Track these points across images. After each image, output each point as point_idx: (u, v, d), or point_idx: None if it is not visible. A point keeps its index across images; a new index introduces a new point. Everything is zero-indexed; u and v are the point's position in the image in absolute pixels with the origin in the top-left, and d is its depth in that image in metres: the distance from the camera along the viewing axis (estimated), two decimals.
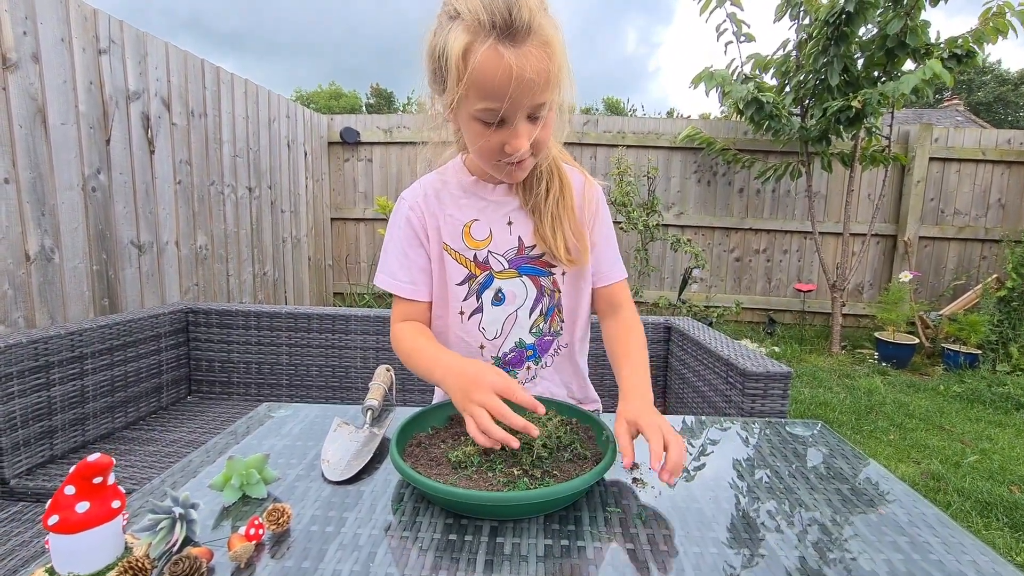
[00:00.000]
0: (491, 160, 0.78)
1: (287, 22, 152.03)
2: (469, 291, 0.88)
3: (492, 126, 0.72)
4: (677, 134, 4.67)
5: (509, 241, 0.87)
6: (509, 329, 0.90)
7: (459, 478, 0.62)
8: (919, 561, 0.53)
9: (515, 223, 0.88)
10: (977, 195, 4.57)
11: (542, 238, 0.86)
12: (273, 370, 1.93)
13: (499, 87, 0.67)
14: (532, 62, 0.66)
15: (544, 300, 0.91)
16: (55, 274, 2.08)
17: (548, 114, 0.73)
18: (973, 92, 29.93)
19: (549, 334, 0.93)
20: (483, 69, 0.66)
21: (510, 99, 0.67)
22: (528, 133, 0.72)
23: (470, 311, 0.89)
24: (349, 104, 34.64)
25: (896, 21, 3.41)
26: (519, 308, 0.89)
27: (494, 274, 0.88)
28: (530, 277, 0.89)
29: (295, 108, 4.19)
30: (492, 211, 0.88)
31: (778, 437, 0.83)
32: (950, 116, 14.20)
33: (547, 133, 0.76)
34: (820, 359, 4.00)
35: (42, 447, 1.43)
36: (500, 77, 0.66)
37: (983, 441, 2.61)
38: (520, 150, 0.72)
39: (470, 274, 0.88)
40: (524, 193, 0.87)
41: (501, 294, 0.88)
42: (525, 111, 0.71)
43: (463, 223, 0.87)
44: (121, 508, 0.49)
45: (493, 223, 0.87)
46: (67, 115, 2.12)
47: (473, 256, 0.87)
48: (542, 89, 0.69)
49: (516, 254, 0.88)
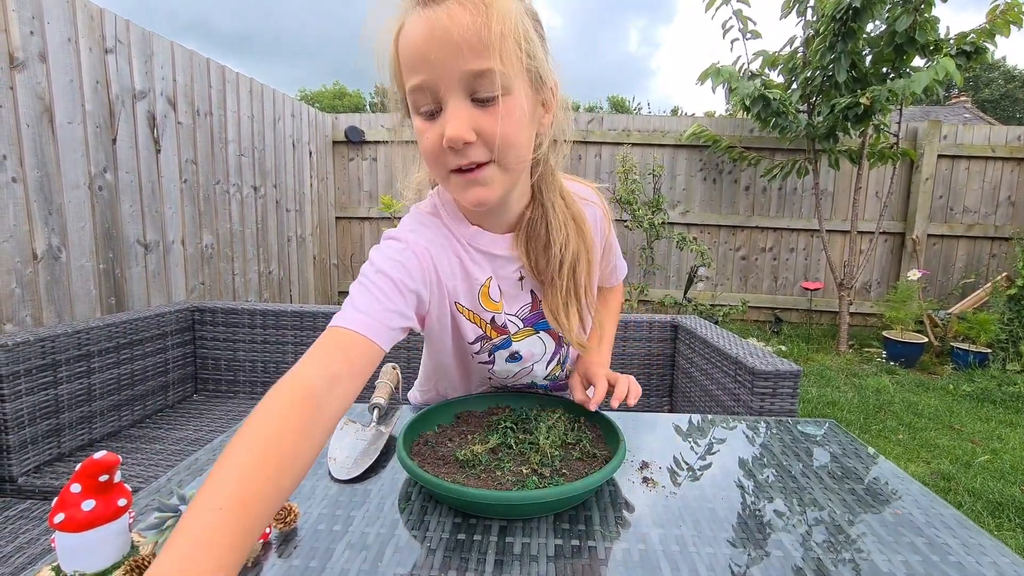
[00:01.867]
0: (441, 170, 0.62)
1: (291, 24, 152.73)
2: (482, 349, 0.77)
3: (429, 116, 0.59)
4: (682, 132, 4.65)
5: (522, 298, 0.76)
6: (523, 378, 0.84)
7: (467, 477, 0.61)
8: (938, 563, 0.52)
9: (527, 278, 0.75)
10: (986, 193, 4.53)
11: (551, 314, 0.72)
12: (279, 368, 1.93)
13: (419, 49, 0.56)
14: (457, 17, 0.54)
15: (562, 351, 0.83)
16: (62, 273, 2.09)
17: (503, 100, 0.57)
18: (980, 89, 29.69)
19: (563, 377, 0.90)
20: (406, 39, 0.57)
21: (431, 61, 0.55)
22: (467, 117, 0.57)
23: (481, 360, 0.80)
24: (353, 103, 34.69)
25: (905, 17, 3.38)
26: (536, 363, 0.81)
27: (512, 338, 0.77)
28: (548, 332, 0.79)
29: (300, 107, 4.19)
30: (501, 267, 0.73)
31: (789, 436, 0.82)
32: (958, 113, 14.08)
33: (505, 125, 0.58)
34: (827, 358, 3.97)
35: (50, 445, 1.43)
36: (418, 37, 0.56)
37: (994, 441, 2.58)
38: (456, 137, 0.56)
39: (484, 335, 0.75)
40: (529, 257, 0.71)
41: (518, 355, 0.79)
42: (458, 83, 0.56)
43: (480, 283, 0.72)
44: (127, 506, 0.49)
45: (503, 281, 0.74)
46: (74, 114, 2.13)
47: (491, 319, 0.74)
48: (476, 52, 0.54)
49: (530, 311, 0.76)
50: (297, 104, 4.14)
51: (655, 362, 1.84)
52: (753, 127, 4.47)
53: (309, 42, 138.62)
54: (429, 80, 0.56)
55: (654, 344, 1.83)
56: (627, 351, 1.82)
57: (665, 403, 1.85)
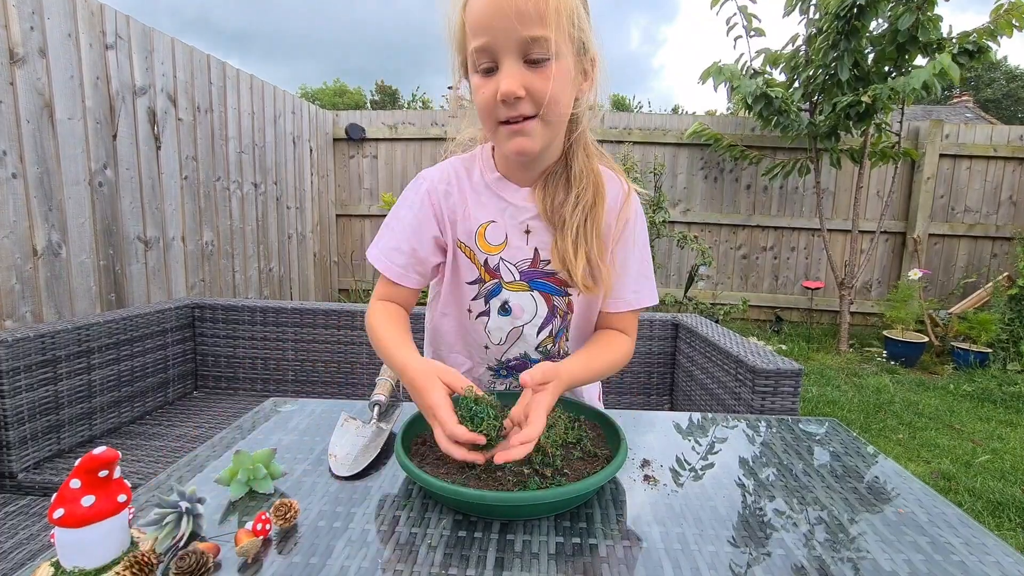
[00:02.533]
0: (491, 122, 0.71)
1: (292, 21, 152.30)
2: (478, 293, 0.83)
3: (488, 74, 0.68)
4: (683, 130, 4.64)
5: (524, 251, 0.80)
6: (514, 340, 0.85)
7: (467, 478, 0.61)
8: (941, 562, 0.51)
9: (533, 232, 0.80)
10: (988, 192, 4.52)
11: (560, 256, 0.76)
12: (279, 365, 1.93)
13: (484, 17, 0.65)
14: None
15: (555, 321, 0.84)
16: (62, 269, 2.08)
17: (552, 65, 0.66)
18: (982, 89, 29.63)
19: (558, 356, 0.87)
20: (472, 8, 0.66)
21: (494, 27, 0.64)
22: (520, 75, 0.65)
23: (477, 312, 0.84)
24: (353, 101, 34.64)
25: (908, 15, 3.37)
26: (526, 324, 0.83)
27: (503, 284, 0.81)
28: (542, 294, 0.82)
29: (300, 104, 4.19)
30: (511, 215, 0.80)
31: (790, 434, 0.82)
32: (959, 113, 14.06)
33: (552, 85, 0.66)
34: (828, 357, 3.97)
35: (49, 441, 1.43)
36: (484, 7, 0.64)
37: (994, 441, 2.58)
38: (509, 92, 0.65)
39: (479, 277, 0.82)
40: (546, 198, 0.78)
41: (508, 306, 0.82)
42: (515, 46, 0.65)
43: (479, 223, 0.80)
44: (127, 502, 0.49)
45: (510, 229, 0.80)
46: (74, 110, 2.13)
47: (484, 261, 0.80)
48: (533, 21, 0.63)
49: (529, 266, 0.80)
50: (298, 101, 4.13)
51: (656, 360, 1.84)
52: (755, 126, 4.46)
53: (311, 39, 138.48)
54: (490, 42, 0.65)
55: (655, 343, 1.83)
56: None
57: (666, 401, 1.85)
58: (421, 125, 4.89)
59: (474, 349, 0.89)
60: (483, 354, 0.88)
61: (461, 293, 0.84)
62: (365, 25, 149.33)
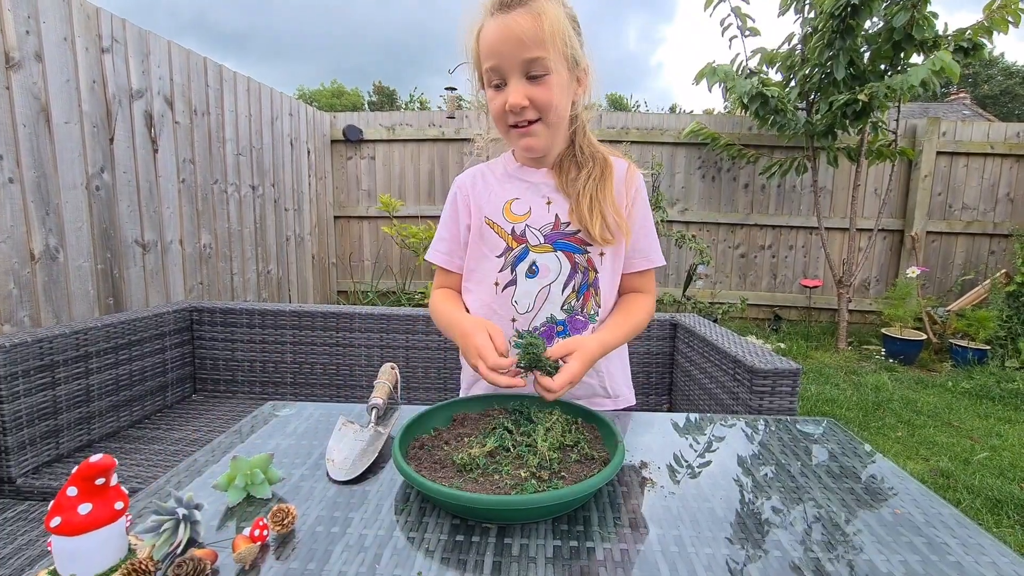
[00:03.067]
0: (503, 126, 0.88)
1: (289, 22, 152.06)
2: (505, 263, 0.94)
3: (497, 89, 0.84)
4: (681, 130, 4.64)
5: (546, 217, 0.93)
6: (541, 304, 0.93)
7: (465, 481, 0.61)
8: (937, 563, 0.52)
9: (554, 202, 0.93)
10: (985, 189, 4.53)
11: (578, 217, 0.90)
12: (277, 368, 1.92)
13: (492, 45, 0.81)
14: (520, 22, 0.79)
15: (577, 277, 0.94)
16: (60, 273, 2.08)
17: (550, 79, 0.82)
18: (979, 85, 29.67)
19: (582, 315, 0.95)
20: (483, 37, 0.83)
21: (501, 53, 0.81)
22: (524, 90, 0.82)
23: (504, 283, 0.94)
24: (351, 102, 34.61)
25: (903, 13, 3.37)
26: (552, 283, 0.93)
27: (530, 247, 0.93)
28: (564, 253, 0.93)
29: (298, 106, 4.18)
30: (533, 191, 0.95)
31: (788, 435, 0.82)
32: (956, 110, 14.07)
33: (547, 94, 0.82)
34: (826, 355, 3.98)
35: (48, 446, 1.43)
36: (492, 36, 0.81)
37: (993, 438, 2.59)
38: (516, 104, 0.82)
39: (507, 247, 0.93)
40: (561, 176, 0.94)
41: (535, 267, 0.93)
42: (519, 67, 0.81)
43: (505, 200, 0.95)
44: (124, 509, 0.49)
45: (533, 201, 0.94)
46: (70, 114, 2.12)
47: (511, 230, 0.93)
48: (532, 44, 0.79)
49: (552, 229, 0.93)
50: (295, 103, 4.13)
51: (654, 361, 1.84)
52: (752, 124, 4.47)
53: (308, 41, 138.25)
54: (499, 64, 0.82)
55: (653, 343, 1.83)
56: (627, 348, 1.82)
57: (664, 401, 1.85)
58: (419, 126, 4.89)
59: (501, 324, 0.91)
60: (510, 329, 0.95)
61: (488, 268, 0.95)
62: (362, 26, 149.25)
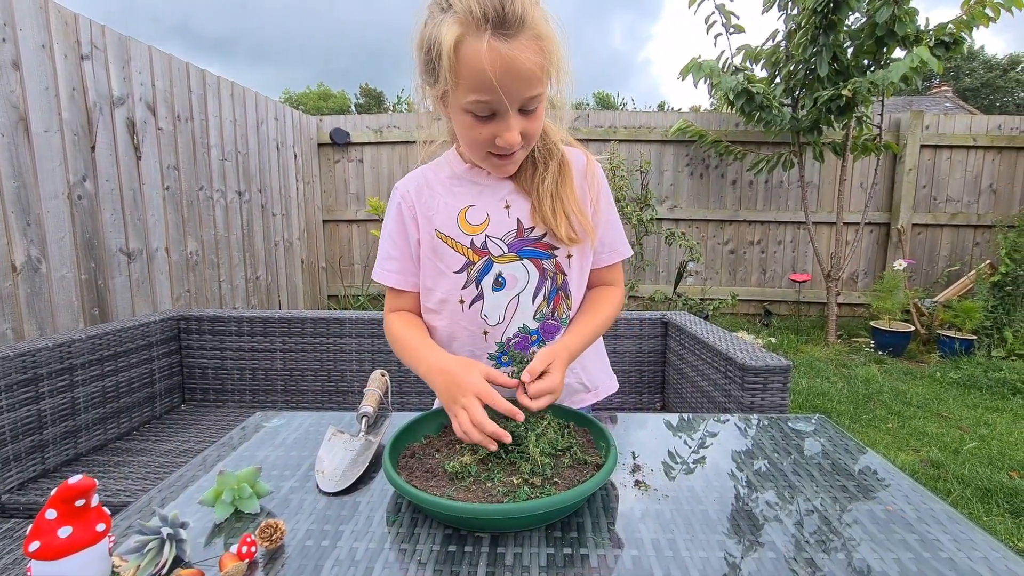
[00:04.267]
0: (481, 152, 0.78)
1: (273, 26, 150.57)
2: (468, 279, 0.85)
3: (483, 119, 0.72)
4: (669, 127, 4.66)
5: (507, 224, 0.85)
6: (512, 315, 0.86)
7: (456, 490, 0.60)
8: (930, 559, 0.52)
9: (513, 205, 0.85)
10: (968, 181, 4.59)
11: (541, 218, 0.83)
12: (268, 376, 1.90)
13: (490, 80, 0.67)
14: (525, 55, 0.67)
15: (547, 284, 0.87)
16: (42, 284, 2.05)
17: (541, 107, 0.74)
18: (961, 78, 30.08)
19: (553, 319, 0.89)
20: (474, 62, 0.66)
21: (503, 92, 0.68)
22: (520, 126, 0.73)
23: (470, 299, 0.86)
24: (338, 105, 34.37)
25: (884, 9, 3.41)
26: (521, 292, 0.86)
27: (493, 259, 0.84)
28: (531, 260, 0.86)
29: (283, 110, 4.15)
30: (488, 195, 0.85)
31: (780, 433, 0.82)
32: (939, 103, 14.25)
33: (538, 125, 0.76)
34: (816, 349, 4.01)
35: (33, 461, 1.40)
36: (491, 70, 0.66)
37: (981, 427, 2.62)
38: (512, 144, 0.73)
39: (468, 261, 0.85)
40: (520, 174, 0.85)
41: (501, 279, 0.85)
42: (517, 104, 0.71)
43: (458, 209, 0.85)
44: (106, 531, 0.47)
45: (490, 207, 0.85)
46: (50, 122, 2.09)
47: (470, 242, 0.84)
48: (535, 83, 0.69)
49: (515, 237, 0.85)
50: (280, 107, 4.10)
51: (646, 359, 1.84)
52: (739, 121, 4.49)
53: (292, 44, 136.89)
54: (494, 100, 0.69)
55: (645, 341, 1.83)
56: (618, 348, 1.82)
57: (657, 400, 1.85)
58: (407, 128, 4.86)
59: (472, 340, 0.88)
60: (482, 342, 0.88)
61: (448, 285, 0.87)
62: (347, 28, 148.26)
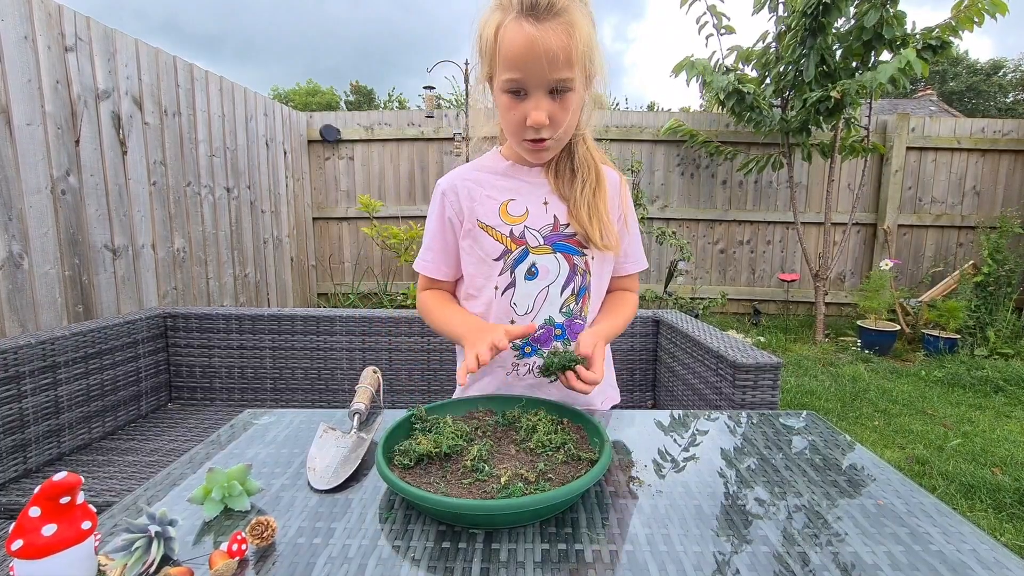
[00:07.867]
0: (516, 135, 0.84)
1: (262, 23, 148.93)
2: (504, 266, 0.91)
3: (517, 98, 0.79)
4: (660, 127, 4.68)
5: (545, 218, 0.91)
6: (540, 305, 0.92)
7: (450, 486, 0.60)
8: (920, 552, 0.52)
9: (551, 203, 0.92)
10: (953, 183, 4.66)
11: (576, 220, 0.89)
12: (256, 374, 1.88)
13: (519, 57, 0.75)
14: (552, 37, 0.73)
15: (576, 279, 0.93)
16: (25, 281, 2.01)
17: (571, 97, 0.79)
18: (946, 82, 30.55)
19: (579, 317, 0.94)
20: (507, 41, 0.76)
21: (528, 69, 0.75)
22: (547, 108, 0.78)
23: (504, 286, 0.91)
24: (326, 101, 34.08)
25: (873, 12, 3.45)
26: (551, 284, 0.91)
27: (530, 249, 0.90)
28: (563, 254, 0.91)
29: (273, 105, 4.11)
30: (529, 191, 0.92)
31: (771, 429, 0.82)
32: (924, 106, 14.48)
33: (566, 113, 0.80)
34: (805, 348, 4.05)
35: (15, 461, 1.37)
36: (520, 47, 0.74)
37: (964, 424, 2.66)
38: (538, 123, 0.78)
39: (506, 249, 0.91)
40: (556, 180, 0.91)
41: (535, 268, 0.91)
42: (544, 84, 0.77)
43: (500, 202, 0.91)
44: (92, 529, 0.46)
45: (530, 202, 0.91)
46: (33, 115, 2.05)
47: (510, 232, 0.90)
48: (562, 65, 0.75)
49: (551, 230, 0.91)
50: (270, 102, 4.05)
51: (638, 358, 1.85)
52: (729, 122, 4.53)
53: (281, 41, 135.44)
54: (524, 78, 0.77)
55: (636, 339, 1.84)
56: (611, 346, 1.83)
57: (649, 398, 1.86)
58: (398, 125, 4.84)
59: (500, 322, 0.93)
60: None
61: (487, 271, 0.92)
62: (336, 25, 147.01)
